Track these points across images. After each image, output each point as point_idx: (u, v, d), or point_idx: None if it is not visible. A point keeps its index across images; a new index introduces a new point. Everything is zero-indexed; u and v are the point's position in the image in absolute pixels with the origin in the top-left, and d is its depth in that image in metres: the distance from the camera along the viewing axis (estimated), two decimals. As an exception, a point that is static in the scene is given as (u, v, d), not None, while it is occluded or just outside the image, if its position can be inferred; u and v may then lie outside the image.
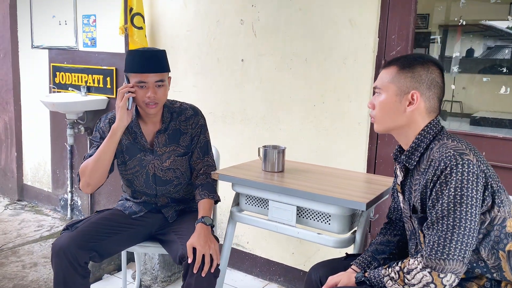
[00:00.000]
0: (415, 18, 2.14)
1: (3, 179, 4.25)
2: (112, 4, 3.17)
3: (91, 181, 1.80)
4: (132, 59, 1.78)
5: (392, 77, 1.31)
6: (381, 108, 1.33)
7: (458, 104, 2.93)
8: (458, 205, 1.16)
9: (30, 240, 3.27)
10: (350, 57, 2.29)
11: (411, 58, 1.31)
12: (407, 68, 1.29)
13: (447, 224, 1.17)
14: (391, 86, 1.31)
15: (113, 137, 1.78)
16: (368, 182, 1.89)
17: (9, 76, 3.98)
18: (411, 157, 1.31)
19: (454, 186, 1.16)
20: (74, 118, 3.35)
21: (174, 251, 1.81)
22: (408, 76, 1.29)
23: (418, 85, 1.28)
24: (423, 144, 1.29)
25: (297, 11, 2.43)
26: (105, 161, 1.79)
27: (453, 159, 1.17)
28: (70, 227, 1.78)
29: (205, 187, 1.89)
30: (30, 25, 3.78)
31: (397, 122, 1.32)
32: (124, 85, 1.78)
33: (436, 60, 1.32)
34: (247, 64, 2.65)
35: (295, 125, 2.53)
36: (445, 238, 1.17)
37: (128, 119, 1.79)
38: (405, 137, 1.34)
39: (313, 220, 1.74)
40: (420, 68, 1.28)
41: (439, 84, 1.30)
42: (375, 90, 1.37)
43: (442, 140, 1.26)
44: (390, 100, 1.31)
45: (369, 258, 1.47)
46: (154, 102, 1.78)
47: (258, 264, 2.77)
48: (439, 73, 1.30)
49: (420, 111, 1.29)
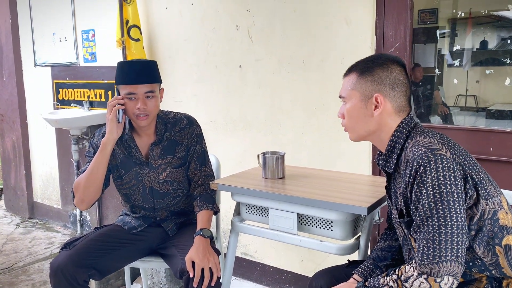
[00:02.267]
0: (412, 13, 2.07)
1: (14, 197, 4.28)
2: (109, 18, 3.17)
3: (85, 197, 1.77)
4: (121, 71, 1.75)
5: (354, 84, 1.28)
6: (350, 117, 1.31)
7: (472, 98, 2.85)
8: (440, 203, 1.10)
9: (41, 258, 3.27)
10: (348, 57, 2.23)
11: (369, 61, 1.28)
12: (367, 72, 1.26)
13: (432, 225, 1.11)
14: (354, 93, 1.28)
15: (104, 150, 1.75)
16: (372, 185, 1.82)
17: (15, 95, 4.01)
18: (389, 160, 1.27)
19: (431, 184, 1.11)
20: (78, 134, 3.35)
21: (174, 265, 1.77)
22: (368, 80, 1.26)
23: (380, 87, 1.25)
24: (398, 145, 1.25)
25: (292, 12, 2.39)
26: (98, 175, 1.76)
27: (425, 156, 1.12)
28: (68, 245, 1.75)
29: (203, 198, 1.85)
30: (32, 44, 3.81)
31: (368, 127, 1.29)
32: (114, 98, 1.76)
33: (395, 58, 1.28)
34: (245, 70, 2.61)
35: (296, 129, 2.47)
36: (433, 240, 1.11)
37: (119, 132, 1.76)
38: (380, 141, 1.30)
39: (315, 227, 1.68)
40: (379, 69, 1.25)
41: (402, 81, 1.26)
42: (341, 100, 1.34)
43: (415, 137, 1.21)
44: (356, 107, 1.28)
45: (371, 266, 1.41)
46: (144, 113, 1.74)
47: (268, 273, 2.71)
48: (400, 70, 1.26)
49: (388, 112, 1.25)
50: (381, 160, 1.30)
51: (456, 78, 2.87)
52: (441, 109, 2.72)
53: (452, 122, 2.71)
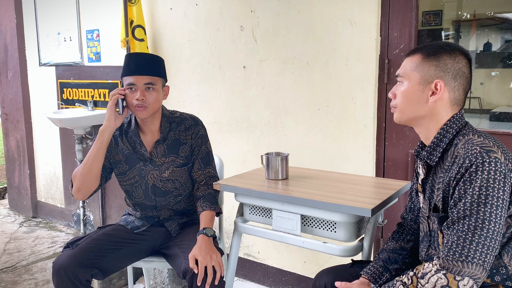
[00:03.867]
0: (417, 14, 2.07)
1: (18, 196, 4.29)
2: (114, 18, 3.18)
3: (82, 186, 1.78)
4: (126, 63, 1.78)
5: (416, 65, 1.24)
6: (403, 97, 1.26)
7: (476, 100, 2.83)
8: (482, 205, 1.07)
9: (44, 257, 3.27)
10: (352, 58, 2.23)
11: (437, 46, 1.24)
12: (432, 56, 1.22)
13: (468, 225, 1.08)
14: (414, 74, 1.24)
15: (101, 138, 1.76)
16: (376, 186, 1.81)
17: (19, 95, 4.03)
18: (433, 153, 1.23)
19: (479, 185, 1.08)
20: (82, 133, 3.36)
21: (177, 265, 1.76)
22: (432, 64, 1.21)
23: (443, 74, 1.21)
24: (446, 139, 1.21)
25: (297, 14, 2.38)
26: (95, 163, 1.77)
27: (479, 156, 1.09)
28: (70, 244, 1.75)
29: (206, 198, 1.85)
30: (37, 43, 3.82)
31: (418, 112, 1.24)
32: (116, 89, 1.78)
33: (464, 50, 1.23)
34: (249, 71, 2.61)
35: (300, 130, 2.47)
36: (465, 238, 1.08)
37: (117, 122, 1.77)
38: (426, 130, 1.26)
39: (318, 229, 1.67)
40: (446, 56, 1.21)
41: (466, 75, 1.22)
42: (397, 79, 1.29)
43: (468, 135, 1.18)
44: (413, 88, 1.24)
45: (380, 269, 1.38)
46: (142, 105, 1.75)
47: (270, 274, 2.71)
48: (466, 63, 1.22)
49: (444, 102, 1.22)
50: (425, 151, 1.25)
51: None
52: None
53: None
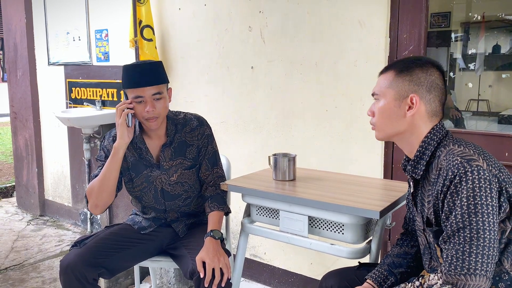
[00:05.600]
0: (427, 16, 2.05)
1: (26, 195, 4.32)
2: (123, 18, 3.19)
3: (99, 202, 1.77)
4: (126, 74, 1.73)
5: (390, 82, 1.26)
6: (381, 114, 1.28)
7: (485, 103, 2.81)
8: (473, 215, 1.07)
9: (51, 255, 3.29)
10: (362, 59, 2.22)
11: (409, 61, 1.26)
12: (405, 72, 1.24)
13: (464, 237, 1.08)
14: (389, 91, 1.26)
15: (116, 155, 1.73)
16: (384, 189, 1.80)
17: (28, 94, 4.05)
18: (417, 166, 1.25)
19: (466, 196, 1.08)
20: (90, 133, 3.37)
21: (184, 266, 1.76)
22: (406, 79, 1.23)
23: (417, 88, 1.22)
24: (428, 152, 1.22)
25: (306, 14, 2.38)
26: (111, 180, 1.75)
27: (461, 166, 1.10)
28: (78, 243, 1.75)
29: (214, 199, 1.85)
30: (46, 43, 3.85)
31: (397, 128, 1.26)
32: (122, 102, 1.74)
33: (435, 62, 1.26)
34: (257, 71, 2.61)
35: (308, 131, 2.46)
36: (463, 251, 1.08)
37: (130, 135, 1.74)
38: (408, 144, 1.28)
39: (325, 230, 1.67)
40: (419, 70, 1.23)
41: (440, 86, 1.24)
42: (374, 97, 1.32)
43: (448, 146, 1.19)
44: (389, 105, 1.26)
45: (385, 273, 1.38)
46: (153, 116, 1.72)
47: (277, 275, 2.70)
48: (439, 75, 1.24)
49: (421, 115, 1.23)
50: (409, 166, 1.27)
51: (468, 82, 2.84)
52: (453, 113, 2.69)
53: (464, 126, 2.68)
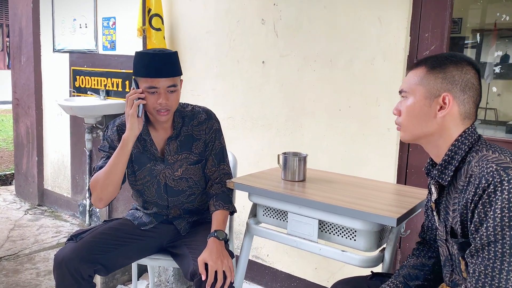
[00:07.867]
0: (451, 14, 1.95)
1: (25, 183, 4.23)
2: (131, 6, 3.10)
3: (103, 195, 1.67)
4: (141, 62, 1.62)
5: (421, 79, 1.15)
6: (408, 114, 1.17)
7: (492, 112, 2.73)
8: (507, 229, 0.97)
9: (47, 247, 3.21)
10: (379, 57, 2.12)
11: (442, 57, 1.15)
12: (438, 68, 1.13)
13: (495, 252, 0.99)
14: (419, 89, 1.15)
15: (125, 148, 1.63)
16: (399, 194, 1.70)
17: (31, 80, 3.97)
18: (445, 171, 1.14)
19: (501, 207, 0.98)
20: (93, 123, 3.29)
21: (185, 266, 1.67)
22: (439, 77, 1.12)
23: (450, 87, 1.11)
24: (458, 157, 1.12)
25: (322, 9, 2.28)
26: (117, 174, 1.65)
27: (496, 175, 0.99)
28: (74, 237, 1.66)
29: (219, 197, 1.75)
30: (52, 29, 3.76)
31: (426, 129, 1.15)
32: (133, 91, 1.63)
33: (471, 60, 1.14)
34: (268, 66, 2.51)
35: (319, 131, 2.36)
36: (493, 268, 0.99)
37: (140, 127, 1.64)
38: (435, 147, 1.17)
39: (336, 236, 1.57)
40: (453, 68, 1.12)
41: (475, 86, 1.13)
42: (401, 95, 1.21)
43: (481, 151, 1.08)
44: (419, 104, 1.15)
45: (400, 285, 1.29)
46: (166, 108, 1.64)
47: (279, 278, 2.61)
48: (475, 74, 1.13)
49: (453, 117, 1.12)
50: (435, 170, 1.16)
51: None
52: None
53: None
